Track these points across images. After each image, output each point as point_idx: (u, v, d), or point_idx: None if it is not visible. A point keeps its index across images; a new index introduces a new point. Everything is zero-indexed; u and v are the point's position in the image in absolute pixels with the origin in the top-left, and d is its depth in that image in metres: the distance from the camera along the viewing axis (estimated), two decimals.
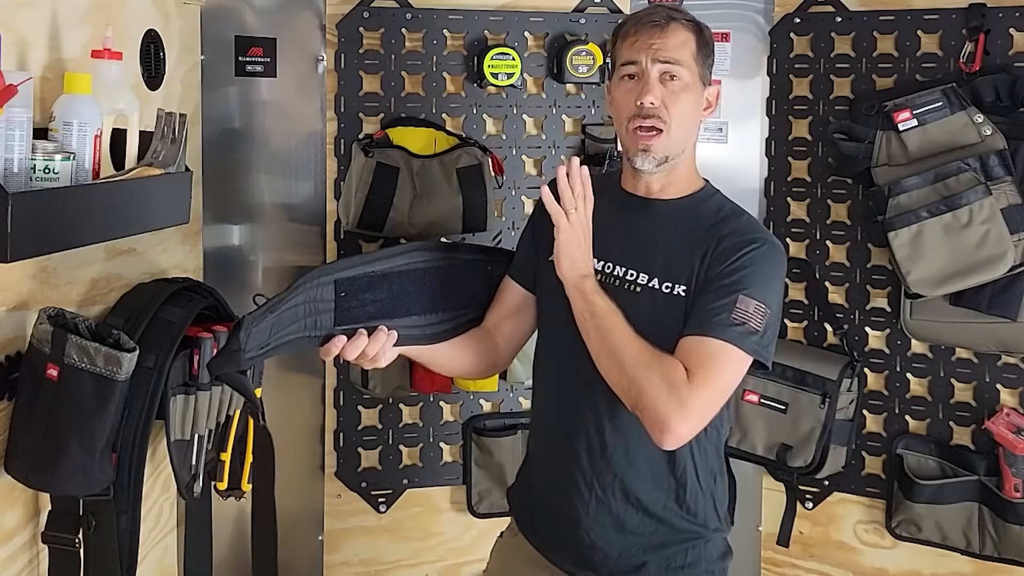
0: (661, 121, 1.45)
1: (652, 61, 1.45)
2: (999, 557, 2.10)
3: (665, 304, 1.44)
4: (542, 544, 1.58)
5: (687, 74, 1.47)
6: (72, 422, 1.42)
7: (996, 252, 1.96)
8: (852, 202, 2.26)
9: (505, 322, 1.62)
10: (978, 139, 2.01)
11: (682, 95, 1.46)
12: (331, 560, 2.30)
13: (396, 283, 1.48)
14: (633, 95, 1.46)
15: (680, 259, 1.46)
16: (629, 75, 1.48)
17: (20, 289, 1.42)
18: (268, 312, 1.32)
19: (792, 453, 2.20)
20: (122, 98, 1.52)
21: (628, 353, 1.37)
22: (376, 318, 1.44)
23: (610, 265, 1.50)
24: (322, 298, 1.38)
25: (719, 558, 1.54)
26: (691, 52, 1.48)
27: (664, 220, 1.51)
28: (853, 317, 2.28)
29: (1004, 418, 2.09)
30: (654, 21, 1.47)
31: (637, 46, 1.47)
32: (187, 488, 1.69)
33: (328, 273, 1.40)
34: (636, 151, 1.47)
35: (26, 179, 1.31)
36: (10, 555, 1.46)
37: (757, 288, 1.41)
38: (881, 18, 2.21)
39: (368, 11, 2.17)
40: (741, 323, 1.38)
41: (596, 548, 1.50)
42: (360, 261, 1.46)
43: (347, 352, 1.39)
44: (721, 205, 1.53)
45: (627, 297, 1.46)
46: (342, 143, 2.19)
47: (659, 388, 1.34)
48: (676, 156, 1.49)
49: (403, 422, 2.29)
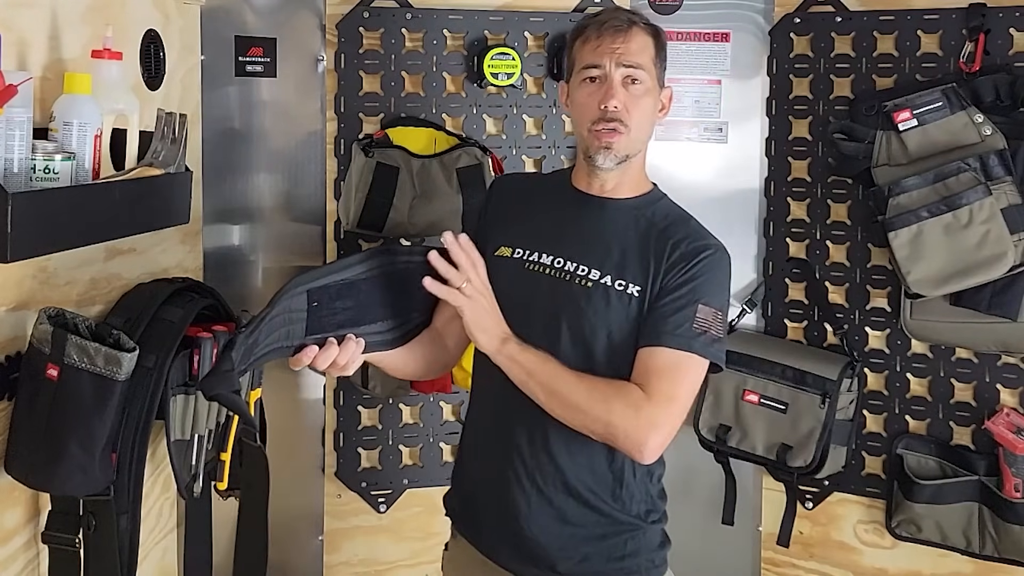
0: (623, 124, 1.48)
1: (616, 65, 1.48)
2: (999, 557, 2.10)
3: (616, 301, 1.47)
4: (484, 544, 1.59)
5: (648, 78, 1.50)
6: (72, 422, 1.42)
7: (996, 252, 1.96)
8: (852, 202, 2.26)
9: (453, 322, 1.61)
10: (978, 139, 2.01)
11: (643, 99, 1.50)
12: (331, 560, 2.30)
13: (362, 291, 1.48)
14: (596, 98, 1.49)
15: (634, 260, 1.49)
16: (591, 78, 1.50)
17: (20, 289, 1.42)
18: (256, 327, 1.31)
19: (792, 453, 2.20)
20: (122, 98, 1.53)
21: (580, 396, 1.41)
22: (345, 327, 1.44)
23: (561, 260, 1.51)
24: (296, 308, 1.37)
25: (658, 547, 1.57)
26: (651, 56, 1.52)
27: (617, 219, 1.53)
28: (853, 317, 2.28)
29: (1004, 418, 2.09)
30: (616, 25, 1.50)
31: (600, 50, 1.49)
32: (187, 488, 1.69)
33: (302, 283, 1.39)
34: (599, 148, 1.49)
35: (26, 179, 1.31)
36: (10, 555, 1.46)
37: (713, 295, 1.47)
38: (881, 18, 2.21)
39: (368, 11, 2.17)
40: (703, 332, 1.43)
41: (538, 542, 1.50)
42: (329, 270, 1.45)
43: (318, 362, 1.38)
44: (669, 210, 1.57)
45: (579, 292, 1.48)
46: (342, 143, 2.19)
47: (625, 415, 1.39)
48: (634, 155, 1.52)
49: (403, 422, 2.29)
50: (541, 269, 1.51)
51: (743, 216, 2.40)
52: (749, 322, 2.39)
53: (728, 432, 2.27)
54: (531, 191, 1.65)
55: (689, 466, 2.43)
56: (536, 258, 1.52)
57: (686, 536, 2.44)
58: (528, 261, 1.53)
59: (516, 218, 1.60)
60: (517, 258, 1.54)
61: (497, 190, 1.69)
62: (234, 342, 1.28)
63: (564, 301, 1.48)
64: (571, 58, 1.56)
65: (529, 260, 1.53)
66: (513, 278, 1.52)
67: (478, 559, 1.58)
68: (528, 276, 1.51)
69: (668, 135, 2.38)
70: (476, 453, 1.62)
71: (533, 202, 1.61)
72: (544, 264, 1.51)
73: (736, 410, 2.26)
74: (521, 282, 1.51)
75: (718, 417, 2.29)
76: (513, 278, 1.52)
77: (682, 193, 2.36)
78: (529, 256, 1.53)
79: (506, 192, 1.66)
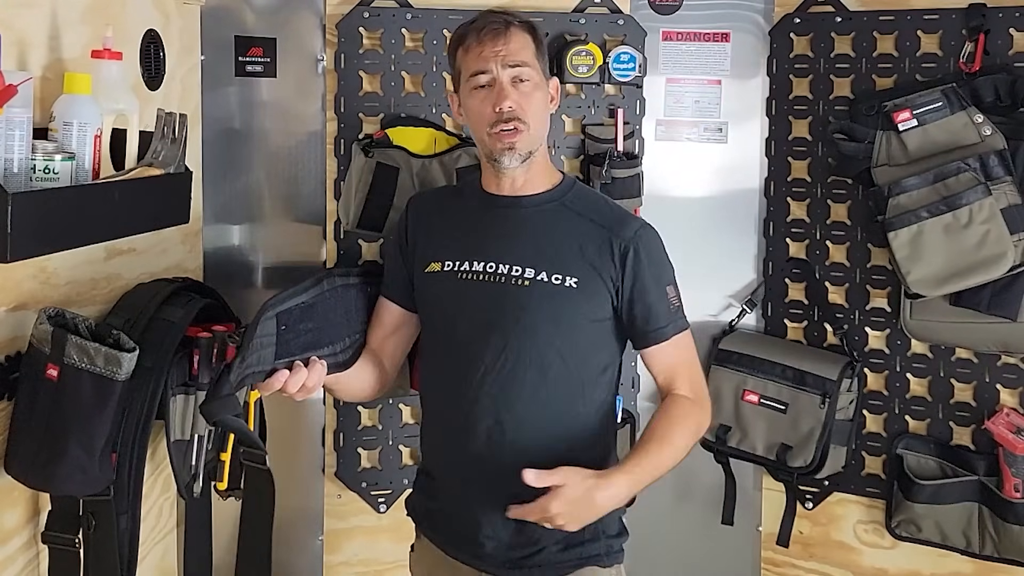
0: (521, 122, 1.53)
1: (502, 67, 1.53)
2: (999, 557, 2.09)
3: (556, 294, 1.51)
4: (444, 541, 1.62)
5: (534, 74, 1.55)
6: (72, 422, 1.42)
7: (996, 252, 1.95)
8: (852, 202, 2.26)
9: (387, 341, 1.68)
10: (978, 139, 2.01)
11: (534, 94, 1.55)
12: (331, 560, 2.30)
13: (318, 312, 1.51)
14: (489, 102, 1.53)
15: (569, 254, 1.54)
16: (480, 85, 1.54)
17: (20, 289, 1.42)
18: (247, 352, 1.32)
19: (792, 453, 2.20)
20: (122, 98, 1.53)
21: (680, 445, 1.55)
22: (308, 349, 1.46)
23: (492, 264, 1.55)
24: (267, 332, 1.38)
25: (616, 535, 1.61)
26: (532, 52, 1.57)
27: (537, 216, 1.58)
28: (853, 317, 2.28)
29: (1004, 418, 2.09)
30: (495, 28, 1.55)
31: (484, 55, 1.54)
32: (187, 488, 1.69)
33: (272, 308, 1.39)
34: (502, 150, 1.54)
35: (26, 179, 1.31)
36: (10, 555, 1.46)
37: (667, 271, 1.61)
38: (881, 18, 2.21)
39: (368, 11, 2.17)
40: (676, 307, 1.59)
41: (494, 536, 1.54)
42: (291, 293, 1.46)
43: (289, 386, 1.40)
44: (585, 196, 1.63)
45: (517, 292, 1.52)
46: (342, 143, 2.19)
47: (700, 422, 1.61)
48: (535, 150, 1.57)
49: (403, 422, 2.29)
50: (475, 276, 1.55)
51: (743, 216, 2.39)
52: (749, 322, 2.39)
53: (728, 432, 2.27)
54: (445, 205, 1.68)
55: (689, 466, 2.41)
56: (468, 267, 1.56)
57: (686, 536, 2.46)
58: (460, 271, 1.56)
59: (438, 233, 1.63)
60: (448, 271, 1.57)
61: (413, 210, 1.72)
62: (231, 367, 1.29)
63: (504, 303, 1.50)
64: (456, 68, 1.61)
65: (461, 270, 1.56)
66: (449, 291, 1.56)
67: (439, 556, 1.62)
68: (464, 285, 1.55)
69: (668, 135, 2.37)
70: (438, 453, 1.65)
71: (451, 214, 1.65)
72: (477, 271, 1.55)
73: (736, 410, 2.26)
74: (458, 293, 1.55)
75: (718, 417, 2.28)
76: (449, 291, 1.56)
77: (682, 193, 2.41)
78: (460, 266, 1.56)
79: (422, 211, 1.70)
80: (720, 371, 2.28)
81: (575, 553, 1.55)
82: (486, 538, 1.55)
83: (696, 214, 2.36)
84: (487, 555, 1.56)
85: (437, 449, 1.65)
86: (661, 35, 2.35)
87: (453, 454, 1.59)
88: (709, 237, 2.36)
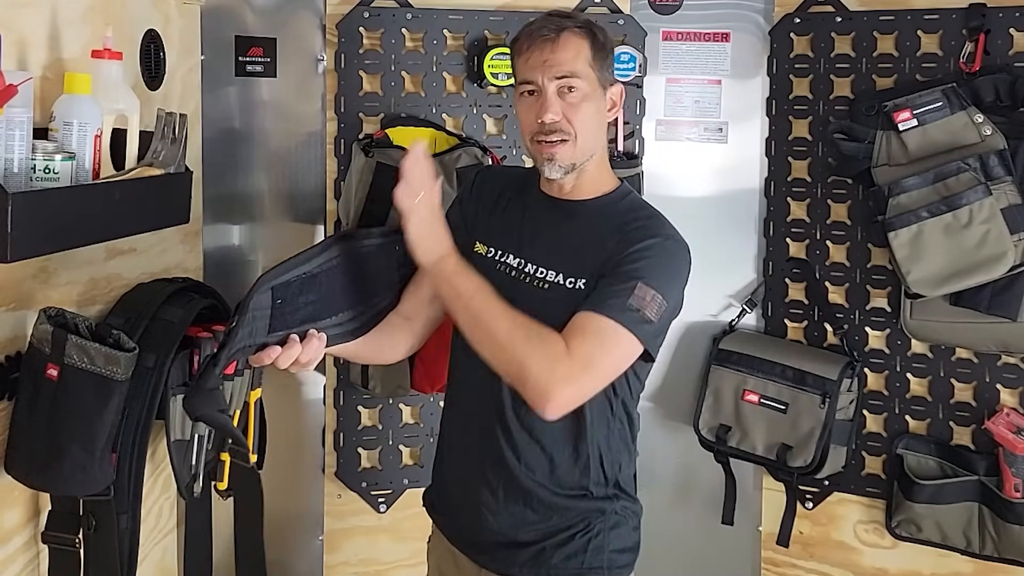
0: (565, 133, 1.47)
1: (548, 79, 1.47)
2: (999, 557, 2.10)
3: (568, 297, 1.47)
4: (453, 534, 1.62)
5: (584, 84, 1.48)
6: (72, 422, 1.42)
7: (996, 252, 1.96)
8: (852, 202, 2.26)
9: (425, 306, 1.62)
10: (978, 139, 2.01)
11: (582, 105, 1.48)
12: (331, 560, 2.30)
13: (323, 283, 1.45)
14: (534, 112, 1.48)
15: (584, 255, 1.49)
16: (528, 91, 1.50)
17: (20, 289, 1.42)
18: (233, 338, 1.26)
19: (792, 453, 2.20)
20: (122, 98, 1.52)
21: (502, 329, 1.39)
22: (307, 322, 1.40)
23: (523, 262, 1.53)
24: (261, 306, 1.32)
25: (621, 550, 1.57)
26: (586, 60, 1.48)
27: (575, 220, 1.54)
28: (853, 317, 2.28)
29: (1004, 418, 2.09)
30: (545, 35, 1.48)
31: (531, 64, 1.48)
32: (187, 488, 1.69)
33: (267, 281, 1.34)
34: (543, 160, 1.50)
35: (26, 179, 1.31)
36: (10, 555, 1.46)
37: (658, 280, 1.43)
38: (881, 18, 2.21)
39: (368, 11, 2.17)
40: (637, 309, 1.40)
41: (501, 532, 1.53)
42: (292, 264, 1.40)
43: (280, 361, 1.36)
44: (633, 205, 1.56)
45: (537, 293, 1.49)
46: (342, 143, 2.19)
47: (542, 362, 1.36)
48: (583, 162, 1.51)
49: (403, 422, 2.29)
50: (507, 271, 1.54)
51: (743, 216, 2.40)
52: (749, 322, 2.39)
53: (728, 432, 2.27)
54: (507, 189, 1.65)
55: (689, 466, 2.44)
56: (506, 259, 1.55)
57: (686, 536, 2.46)
58: (499, 262, 1.56)
59: (494, 214, 1.62)
60: (491, 258, 1.57)
61: (480, 183, 1.69)
62: (218, 358, 1.25)
63: (520, 301, 1.48)
64: (514, 71, 1.57)
65: (500, 261, 1.56)
66: (486, 277, 1.52)
67: (450, 550, 1.62)
68: (496, 276, 1.53)
69: (668, 135, 2.38)
70: (455, 443, 1.63)
71: (508, 200, 1.63)
72: (511, 266, 1.54)
73: (736, 410, 2.26)
74: (491, 282, 1.52)
75: (718, 417, 2.29)
76: (486, 277, 1.52)
77: (682, 193, 2.40)
78: (501, 257, 1.56)
79: (487, 187, 1.67)
80: (720, 371, 2.28)
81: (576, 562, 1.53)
82: (496, 532, 1.54)
83: (696, 214, 2.36)
84: (493, 555, 1.55)
85: (452, 435, 1.64)
86: (661, 35, 2.36)
87: (467, 442, 1.58)
88: (709, 237, 2.35)
